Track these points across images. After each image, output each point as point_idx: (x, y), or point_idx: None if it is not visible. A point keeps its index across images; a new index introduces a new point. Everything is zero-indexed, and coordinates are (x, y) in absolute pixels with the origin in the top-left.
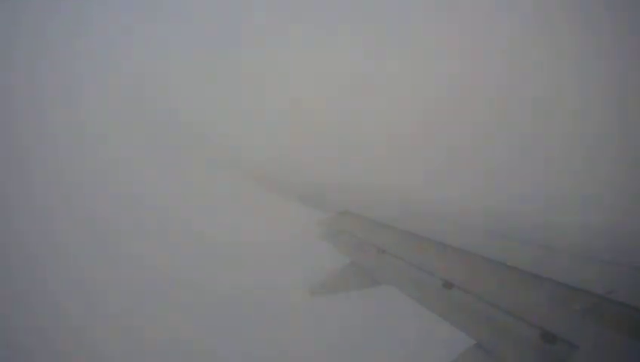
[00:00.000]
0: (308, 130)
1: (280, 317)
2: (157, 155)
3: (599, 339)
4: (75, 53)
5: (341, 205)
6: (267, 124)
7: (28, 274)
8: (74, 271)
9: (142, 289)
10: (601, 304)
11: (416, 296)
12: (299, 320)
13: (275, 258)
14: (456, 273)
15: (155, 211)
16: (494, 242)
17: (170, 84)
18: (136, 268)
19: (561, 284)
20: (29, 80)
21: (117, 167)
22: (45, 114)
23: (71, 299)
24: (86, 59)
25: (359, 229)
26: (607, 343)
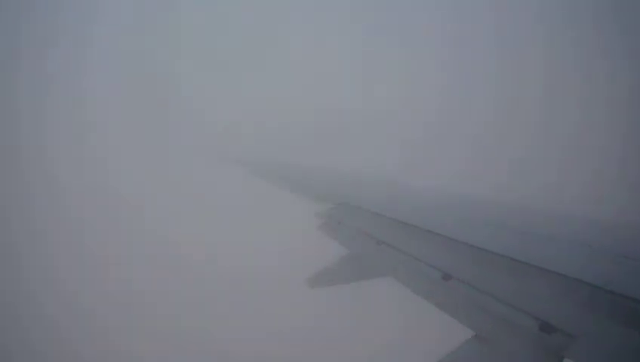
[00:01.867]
0: (307, 122)
1: (279, 308)
2: (156, 149)
3: (597, 330)
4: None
5: (340, 196)
6: (266, 116)
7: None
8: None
9: (142, 280)
10: (599, 294)
11: (414, 287)
12: (298, 310)
13: (274, 249)
14: (454, 264)
15: (155, 204)
16: (492, 233)
17: (170, 78)
18: (136, 262)
19: (559, 275)
20: (34, 72)
21: (120, 158)
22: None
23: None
24: (91, 48)
25: (358, 220)
26: (604, 334)
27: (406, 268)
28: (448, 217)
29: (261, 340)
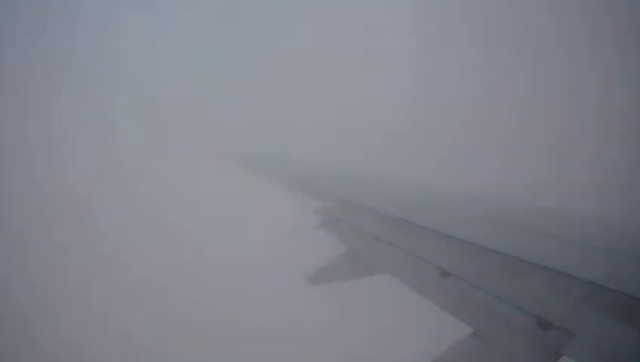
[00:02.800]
0: (306, 119)
1: (278, 305)
2: (155, 147)
3: (595, 326)
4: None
5: (339, 193)
6: (264, 113)
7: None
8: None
9: (139, 282)
10: (597, 291)
11: (413, 284)
12: (297, 307)
13: (272, 246)
14: (453, 261)
15: (152, 203)
16: (491, 230)
17: (168, 75)
18: (132, 262)
19: (557, 272)
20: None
21: (115, 158)
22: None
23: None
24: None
25: (357, 217)
26: (603, 330)
27: (404, 265)
28: (447, 214)
29: (260, 337)
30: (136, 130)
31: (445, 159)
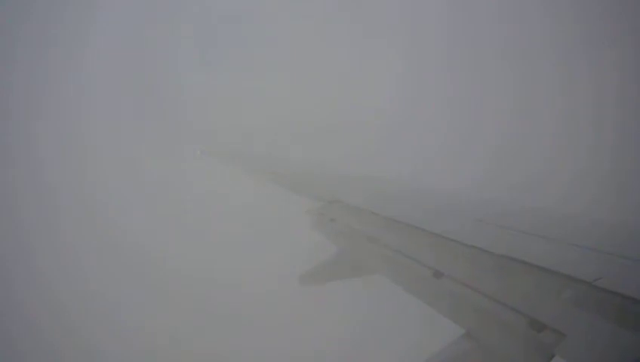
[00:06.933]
0: (301, 120)
1: (270, 305)
2: (152, 148)
3: (587, 327)
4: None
5: (332, 194)
6: (259, 114)
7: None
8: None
9: (136, 282)
10: (589, 292)
11: (405, 285)
12: (289, 307)
13: (265, 246)
14: (445, 262)
15: (150, 205)
16: (483, 230)
17: (167, 77)
18: (131, 262)
19: (549, 272)
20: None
21: (114, 158)
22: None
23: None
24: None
25: (349, 218)
26: (595, 331)
27: (397, 265)
28: (440, 215)
29: (254, 337)
30: (134, 130)
31: (438, 160)
